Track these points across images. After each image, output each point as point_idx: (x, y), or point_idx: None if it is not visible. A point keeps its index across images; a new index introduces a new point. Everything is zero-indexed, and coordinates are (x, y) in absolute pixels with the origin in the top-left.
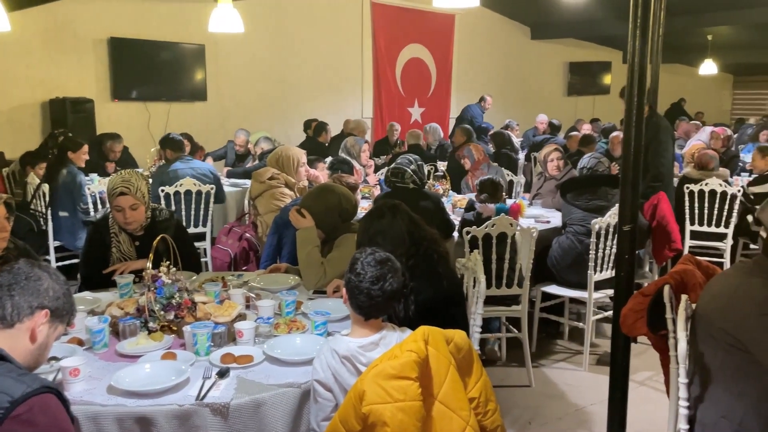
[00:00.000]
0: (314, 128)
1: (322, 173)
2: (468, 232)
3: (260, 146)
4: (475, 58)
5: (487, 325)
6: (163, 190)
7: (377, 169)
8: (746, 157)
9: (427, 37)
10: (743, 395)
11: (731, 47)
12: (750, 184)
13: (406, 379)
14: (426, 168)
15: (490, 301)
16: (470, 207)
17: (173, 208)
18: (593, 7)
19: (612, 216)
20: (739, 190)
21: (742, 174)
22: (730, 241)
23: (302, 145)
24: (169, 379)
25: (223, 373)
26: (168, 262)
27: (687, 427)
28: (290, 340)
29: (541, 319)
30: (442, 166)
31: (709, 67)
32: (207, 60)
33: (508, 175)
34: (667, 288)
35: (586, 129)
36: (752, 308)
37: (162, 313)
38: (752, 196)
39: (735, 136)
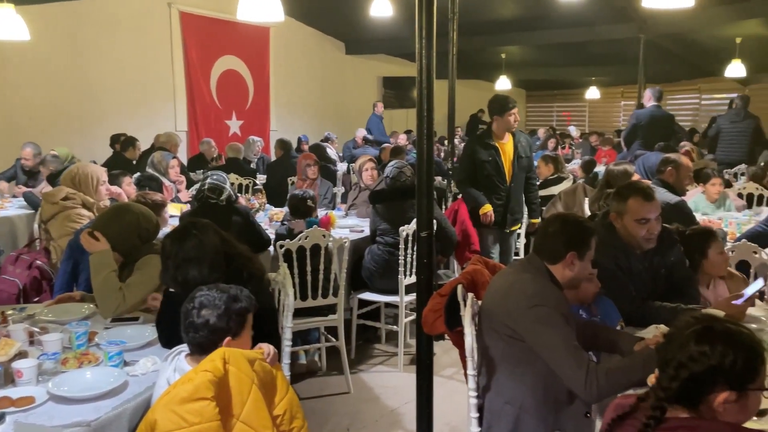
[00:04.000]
0: (122, 143)
1: (129, 188)
2: (281, 246)
3: (47, 167)
4: (293, 71)
5: (307, 336)
6: None
7: (190, 185)
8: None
9: (241, 49)
10: (522, 381)
11: (522, 65)
12: (538, 187)
13: (202, 400)
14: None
15: (307, 312)
16: (284, 220)
17: None
18: (400, 26)
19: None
20: None
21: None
22: (523, 240)
23: (109, 162)
24: None
25: None
26: None
27: (477, 415)
28: (80, 376)
29: (359, 326)
30: (262, 179)
31: (504, 83)
32: None
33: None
34: (460, 288)
35: (402, 140)
36: (524, 301)
37: None
38: (539, 199)
39: None
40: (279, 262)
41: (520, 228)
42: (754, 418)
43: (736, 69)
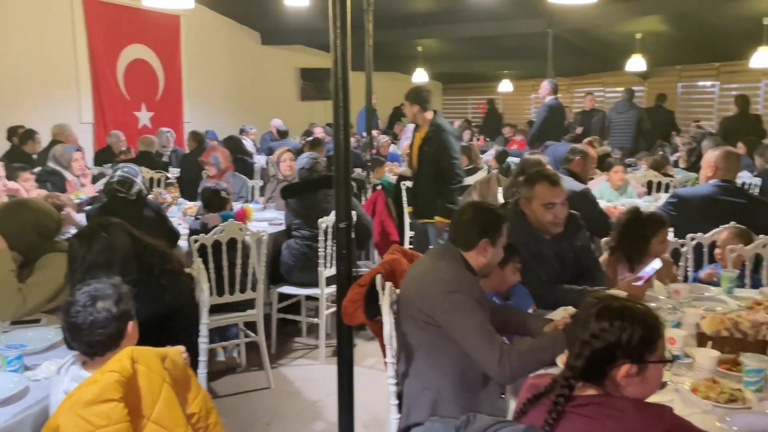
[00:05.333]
0: (20, 136)
1: (27, 183)
2: (196, 241)
3: None
4: (206, 61)
5: (225, 332)
6: None
7: (96, 179)
8: None
9: (151, 38)
10: (438, 366)
11: (438, 58)
12: None
13: (109, 402)
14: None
15: (225, 308)
16: (198, 215)
17: None
18: (316, 16)
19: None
20: None
21: None
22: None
23: (7, 156)
24: None
25: None
26: None
27: (396, 401)
28: None
29: (280, 320)
30: (175, 173)
31: (421, 76)
32: None
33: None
34: (379, 277)
35: (319, 132)
36: (440, 288)
37: None
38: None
39: None
40: (193, 258)
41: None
42: None
43: (636, 63)
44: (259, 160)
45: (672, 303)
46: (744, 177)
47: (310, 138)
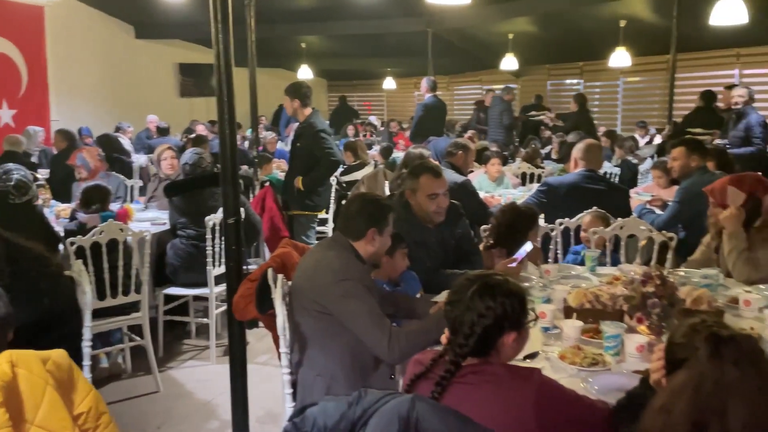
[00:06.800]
0: None
1: None
2: (72, 243)
3: None
4: (75, 56)
5: (108, 337)
6: None
7: None
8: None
9: (10, 31)
10: (331, 353)
11: (322, 55)
12: (341, 174)
13: None
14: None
15: (108, 312)
16: (73, 216)
17: None
18: (196, 10)
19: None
20: (333, 180)
21: None
22: (331, 224)
23: None
24: None
25: None
26: None
27: (291, 390)
28: None
29: (167, 322)
30: (44, 174)
31: (305, 72)
32: None
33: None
34: (270, 271)
35: (201, 129)
36: (331, 276)
37: None
38: (344, 185)
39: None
40: (71, 261)
41: (307, 218)
42: (527, 360)
43: (509, 62)
44: (138, 159)
45: (543, 281)
46: (606, 167)
47: (193, 135)
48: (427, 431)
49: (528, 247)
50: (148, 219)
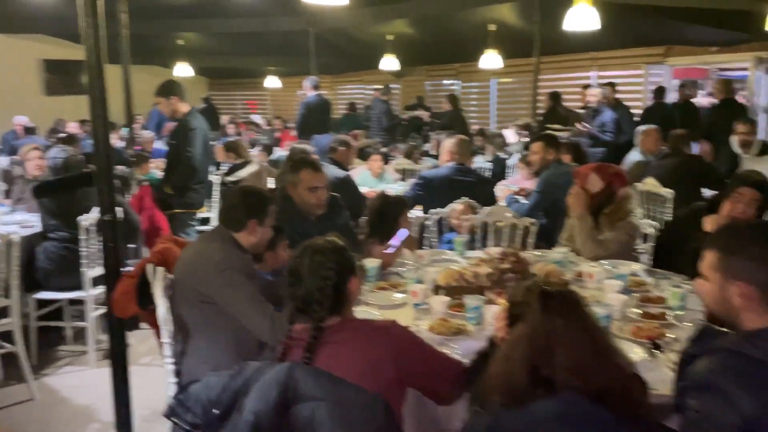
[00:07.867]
0: None
1: None
2: None
3: None
4: None
5: None
6: None
7: None
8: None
9: None
10: (216, 341)
11: (202, 52)
12: (226, 174)
13: None
14: None
15: None
16: None
17: None
18: (60, 4)
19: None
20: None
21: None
22: (215, 224)
23: None
24: None
25: None
26: None
27: (176, 379)
28: None
29: (41, 328)
30: None
31: (182, 70)
32: None
33: None
34: (150, 266)
35: (73, 128)
36: (213, 267)
37: None
38: (230, 184)
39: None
40: None
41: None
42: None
43: (389, 63)
44: (1, 162)
45: (416, 265)
46: (479, 162)
47: (63, 135)
48: (305, 394)
49: (403, 234)
50: (16, 222)
